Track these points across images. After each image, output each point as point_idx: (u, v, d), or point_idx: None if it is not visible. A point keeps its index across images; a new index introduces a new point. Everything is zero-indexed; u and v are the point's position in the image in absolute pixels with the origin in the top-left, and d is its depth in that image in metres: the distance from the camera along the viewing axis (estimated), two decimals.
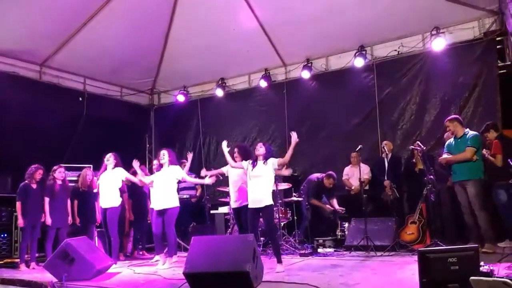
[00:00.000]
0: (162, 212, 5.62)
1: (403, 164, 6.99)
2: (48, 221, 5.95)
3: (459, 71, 6.92)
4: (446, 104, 7.00)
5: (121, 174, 6.13)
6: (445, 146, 5.85)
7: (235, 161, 5.49)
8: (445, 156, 5.66)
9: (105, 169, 6.13)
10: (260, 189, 4.85)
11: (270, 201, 4.85)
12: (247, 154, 5.56)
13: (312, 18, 7.29)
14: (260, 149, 5.01)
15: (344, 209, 6.99)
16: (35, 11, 6.79)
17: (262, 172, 4.90)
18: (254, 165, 4.98)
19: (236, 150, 5.78)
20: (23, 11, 6.73)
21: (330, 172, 7.02)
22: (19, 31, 7.07)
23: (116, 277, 4.86)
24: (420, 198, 6.15)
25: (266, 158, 4.97)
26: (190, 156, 6.11)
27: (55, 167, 6.25)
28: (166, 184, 5.70)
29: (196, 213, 7.86)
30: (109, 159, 6.11)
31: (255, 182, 4.89)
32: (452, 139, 5.75)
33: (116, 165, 6.11)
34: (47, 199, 6.00)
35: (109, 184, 6.04)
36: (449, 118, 5.75)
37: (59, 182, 6.17)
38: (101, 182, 6.11)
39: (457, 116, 5.92)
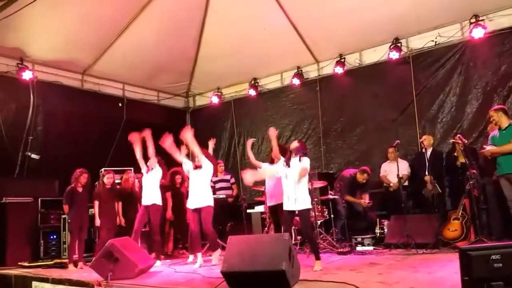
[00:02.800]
0: (198, 211, 5.73)
1: (444, 159, 6.75)
2: (97, 222, 6.26)
3: (501, 59, 6.60)
4: (489, 94, 6.71)
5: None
6: (489, 139, 5.60)
7: (273, 162, 5.52)
8: (489, 148, 5.40)
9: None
10: (295, 190, 4.66)
11: (307, 204, 4.67)
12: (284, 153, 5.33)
13: (343, 12, 7.19)
14: (295, 142, 4.85)
15: (371, 202, 6.84)
16: (74, 23, 7.15)
17: (297, 170, 4.64)
18: (288, 163, 4.76)
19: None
20: (64, 24, 7.11)
21: (364, 167, 6.89)
22: (61, 42, 7.47)
23: (157, 276, 5.01)
24: (463, 193, 5.92)
25: (298, 153, 4.71)
26: (212, 142, 6.26)
27: (104, 172, 6.60)
28: (202, 183, 5.80)
29: (232, 212, 7.95)
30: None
31: (290, 182, 4.69)
32: (496, 131, 5.49)
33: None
34: (96, 202, 6.32)
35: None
36: (494, 108, 5.48)
37: (107, 186, 6.48)
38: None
39: (503, 106, 5.65)
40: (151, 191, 6.22)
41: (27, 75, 7.31)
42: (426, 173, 6.55)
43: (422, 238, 5.72)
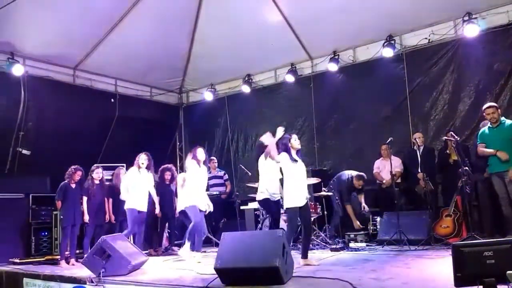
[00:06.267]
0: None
1: (437, 156, 6.79)
2: (86, 218, 6.19)
3: (493, 57, 6.64)
4: (481, 92, 6.74)
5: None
6: (478, 136, 5.63)
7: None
8: (491, 150, 5.37)
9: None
10: (305, 186, 4.91)
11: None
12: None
13: (338, 9, 7.18)
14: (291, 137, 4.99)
15: (367, 209, 6.89)
16: (66, 18, 7.06)
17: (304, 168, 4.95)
18: (294, 160, 4.88)
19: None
20: (55, 18, 7.02)
21: (361, 173, 6.87)
22: (53, 37, 7.36)
23: (150, 272, 4.98)
24: (455, 190, 5.97)
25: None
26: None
27: (93, 167, 6.51)
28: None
29: (226, 209, 7.94)
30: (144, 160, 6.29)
31: (302, 177, 4.89)
32: (486, 128, 5.51)
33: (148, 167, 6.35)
34: (85, 198, 6.24)
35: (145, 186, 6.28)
36: (492, 105, 5.44)
37: (96, 182, 6.41)
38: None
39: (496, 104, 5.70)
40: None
41: (18, 70, 7.19)
42: (419, 170, 6.59)
43: (415, 234, 5.77)
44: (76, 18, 7.12)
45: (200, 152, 5.74)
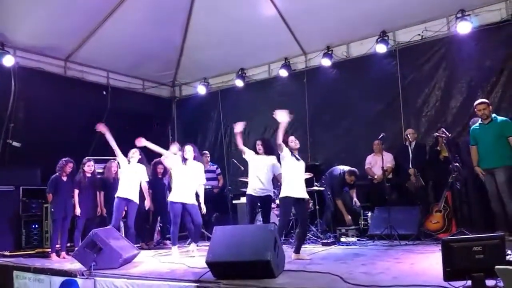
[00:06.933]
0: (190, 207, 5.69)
1: (428, 152, 6.84)
2: (78, 211, 6.14)
3: (485, 55, 6.68)
4: (473, 89, 6.79)
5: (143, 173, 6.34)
6: (470, 134, 5.67)
7: (258, 153, 5.55)
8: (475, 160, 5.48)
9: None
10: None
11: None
12: (271, 149, 5.52)
13: (332, 4, 7.17)
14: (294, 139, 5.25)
15: (359, 204, 6.94)
16: (58, 8, 6.95)
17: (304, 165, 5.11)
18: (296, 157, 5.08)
19: (260, 143, 5.69)
20: (47, 8, 6.90)
21: (353, 169, 6.91)
22: (44, 27, 7.26)
23: (141, 266, 4.98)
24: (446, 186, 6.03)
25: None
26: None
27: (84, 160, 6.44)
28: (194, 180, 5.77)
29: (218, 203, 7.93)
30: (134, 154, 6.26)
31: (302, 174, 5.04)
32: (477, 125, 5.56)
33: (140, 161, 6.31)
34: (76, 191, 6.19)
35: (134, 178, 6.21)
36: (483, 101, 5.50)
37: (88, 174, 6.36)
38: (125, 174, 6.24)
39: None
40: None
41: (8, 61, 7.08)
42: (410, 166, 6.64)
43: (405, 229, 5.83)
44: (68, 9, 7.01)
45: (187, 151, 5.74)
